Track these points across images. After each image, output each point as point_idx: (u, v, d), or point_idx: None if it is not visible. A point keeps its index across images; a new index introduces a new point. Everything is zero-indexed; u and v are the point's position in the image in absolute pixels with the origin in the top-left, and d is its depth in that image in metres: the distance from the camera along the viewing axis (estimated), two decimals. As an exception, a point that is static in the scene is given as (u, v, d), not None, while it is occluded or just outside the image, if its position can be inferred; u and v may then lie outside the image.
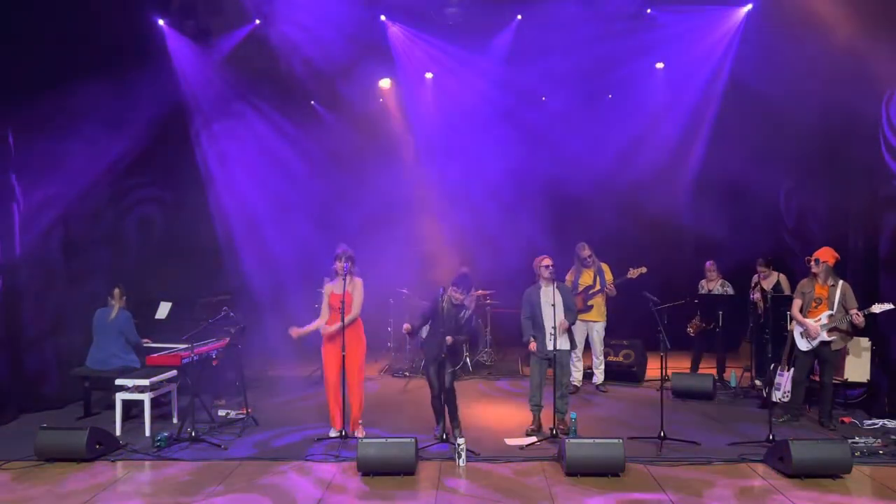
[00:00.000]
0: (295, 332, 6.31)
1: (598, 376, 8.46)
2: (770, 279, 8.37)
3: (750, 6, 8.68)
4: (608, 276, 8.27)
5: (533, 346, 6.51)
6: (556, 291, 6.43)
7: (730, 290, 8.72)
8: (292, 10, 8.82)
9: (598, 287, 8.19)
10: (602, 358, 8.46)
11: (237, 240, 9.67)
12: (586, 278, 8.24)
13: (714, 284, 8.79)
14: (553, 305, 6.35)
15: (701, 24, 9.03)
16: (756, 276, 8.50)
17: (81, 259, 7.90)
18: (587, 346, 8.48)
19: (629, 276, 8.15)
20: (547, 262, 6.54)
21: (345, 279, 6.24)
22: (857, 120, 7.50)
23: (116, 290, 7.09)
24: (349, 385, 6.31)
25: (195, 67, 9.12)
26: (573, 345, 6.68)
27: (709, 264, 8.87)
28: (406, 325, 6.36)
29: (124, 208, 8.80)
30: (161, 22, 8.71)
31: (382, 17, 9.24)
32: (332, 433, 6.32)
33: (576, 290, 8.16)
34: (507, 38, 9.49)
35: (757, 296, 8.25)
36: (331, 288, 6.37)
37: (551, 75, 9.77)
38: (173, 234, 9.33)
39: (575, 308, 6.64)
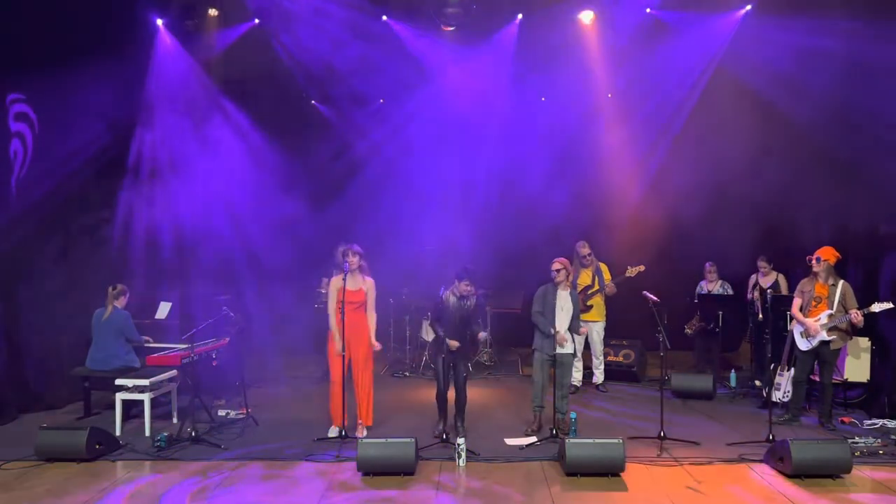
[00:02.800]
0: (336, 350, 6.30)
1: (598, 376, 8.46)
2: (769, 278, 8.37)
3: (749, 7, 8.69)
4: (606, 276, 8.27)
5: (562, 336, 6.34)
6: (567, 298, 6.48)
7: (729, 291, 8.73)
8: (291, 10, 8.84)
9: (596, 287, 8.19)
10: (602, 358, 8.46)
11: (230, 241, 9.63)
12: (584, 278, 8.23)
13: (714, 286, 8.80)
14: (563, 309, 6.40)
15: (700, 23, 9.04)
16: (755, 275, 8.50)
17: (82, 257, 7.88)
18: (586, 346, 8.48)
19: (627, 274, 8.15)
20: (555, 266, 6.54)
21: (345, 278, 6.24)
22: (859, 115, 7.52)
23: (110, 290, 7.09)
24: (362, 382, 6.38)
25: (187, 63, 9.07)
26: (576, 354, 6.70)
27: (708, 265, 8.86)
28: (453, 342, 6.19)
29: (121, 204, 8.69)
30: (159, 22, 8.71)
31: (384, 18, 9.25)
32: (333, 433, 6.33)
33: (574, 290, 8.14)
34: (508, 38, 9.50)
35: (755, 295, 8.25)
36: (338, 283, 6.35)
37: (551, 75, 9.79)
38: (166, 233, 9.25)
39: (580, 317, 6.68)
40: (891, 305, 6.38)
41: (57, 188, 7.61)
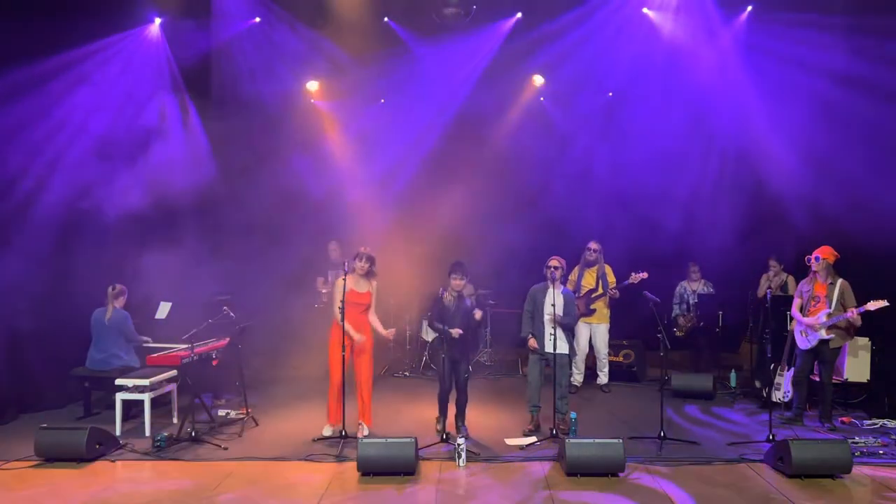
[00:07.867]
0: (357, 338, 6.30)
1: (602, 377, 8.44)
2: (779, 278, 8.39)
3: (750, 8, 8.68)
4: (611, 279, 8.26)
5: (532, 342, 6.51)
6: (559, 295, 6.44)
7: (712, 290, 8.81)
8: (291, 10, 8.86)
9: (600, 291, 8.18)
10: (606, 360, 8.43)
11: (230, 239, 9.59)
12: (589, 279, 8.23)
13: (697, 285, 8.89)
14: (553, 306, 6.36)
15: (701, 24, 9.02)
16: (766, 274, 8.52)
17: (81, 256, 7.85)
18: (590, 348, 8.47)
19: (631, 280, 8.15)
20: (553, 262, 6.55)
21: (345, 279, 6.25)
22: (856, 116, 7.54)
23: (110, 290, 7.08)
24: (365, 383, 6.38)
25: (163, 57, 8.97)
26: (573, 352, 6.67)
27: (691, 265, 8.96)
28: (455, 330, 6.25)
29: (118, 201, 8.55)
30: (157, 21, 8.68)
31: (385, 19, 9.25)
32: (327, 432, 6.35)
33: (578, 292, 8.14)
34: (506, 36, 9.49)
35: (764, 292, 8.24)
36: (342, 284, 6.29)
37: (550, 75, 9.79)
38: (166, 231, 9.15)
39: (575, 316, 6.63)
40: (886, 303, 6.38)
41: (52, 183, 7.49)
